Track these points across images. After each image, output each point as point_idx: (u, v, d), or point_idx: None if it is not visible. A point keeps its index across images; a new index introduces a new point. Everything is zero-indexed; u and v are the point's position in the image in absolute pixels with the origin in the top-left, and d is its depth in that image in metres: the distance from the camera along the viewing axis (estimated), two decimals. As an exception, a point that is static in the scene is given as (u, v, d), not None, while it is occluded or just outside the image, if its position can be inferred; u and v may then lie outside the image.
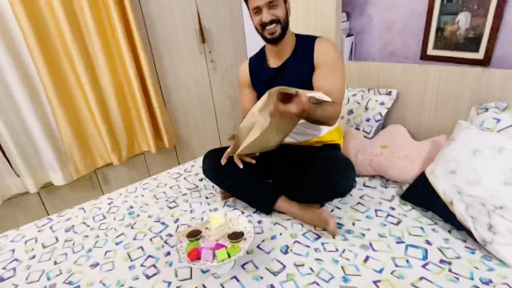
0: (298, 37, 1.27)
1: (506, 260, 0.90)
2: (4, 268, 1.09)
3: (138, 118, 2.20)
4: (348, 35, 1.81)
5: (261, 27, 1.17)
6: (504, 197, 0.95)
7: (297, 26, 1.94)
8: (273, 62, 1.30)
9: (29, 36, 1.67)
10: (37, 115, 1.82)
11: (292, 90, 0.92)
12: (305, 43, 1.24)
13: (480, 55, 1.34)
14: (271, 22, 1.14)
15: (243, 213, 1.24)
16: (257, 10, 1.14)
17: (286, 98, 0.96)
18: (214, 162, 1.26)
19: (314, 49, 1.20)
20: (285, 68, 1.26)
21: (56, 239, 1.22)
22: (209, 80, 2.53)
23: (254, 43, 2.52)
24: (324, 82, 1.17)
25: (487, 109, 1.20)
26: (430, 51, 1.51)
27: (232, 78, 2.61)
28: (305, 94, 0.90)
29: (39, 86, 1.82)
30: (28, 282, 1.01)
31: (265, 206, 1.22)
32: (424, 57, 1.54)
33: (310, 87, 1.21)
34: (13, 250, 1.18)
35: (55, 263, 1.09)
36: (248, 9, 1.18)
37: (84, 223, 1.31)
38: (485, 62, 1.34)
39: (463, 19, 1.36)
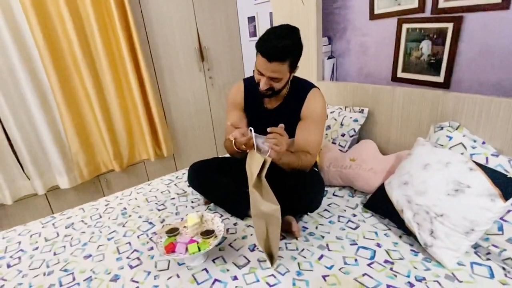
0: (293, 82, 1.32)
1: (442, 261, 1.02)
2: (11, 257, 1.26)
3: (139, 129, 2.40)
4: (330, 57, 1.97)
5: (257, 82, 1.22)
6: (444, 206, 1.08)
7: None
8: (268, 102, 1.35)
9: (44, 53, 1.90)
10: (48, 124, 2.03)
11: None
12: (299, 92, 1.31)
13: (440, 78, 1.48)
14: (266, 90, 1.20)
15: (221, 216, 1.39)
16: (260, 72, 1.17)
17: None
18: (197, 174, 1.43)
19: (305, 101, 1.29)
20: (281, 111, 1.32)
21: (57, 234, 1.39)
22: (207, 95, 2.72)
23: (251, 62, 2.72)
24: (306, 134, 1.29)
25: (442, 128, 1.33)
26: (400, 73, 1.66)
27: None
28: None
29: (51, 98, 2.04)
30: (31, 269, 1.17)
31: (239, 213, 1.37)
32: (395, 79, 1.69)
33: (293, 131, 1.31)
34: (20, 242, 1.35)
35: (55, 254, 1.25)
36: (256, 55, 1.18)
37: (83, 221, 1.48)
38: (445, 85, 1.47)
39: (425, 47, 1.51)
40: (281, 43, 1.10)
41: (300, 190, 1.25)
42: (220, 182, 1.40)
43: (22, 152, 2.00)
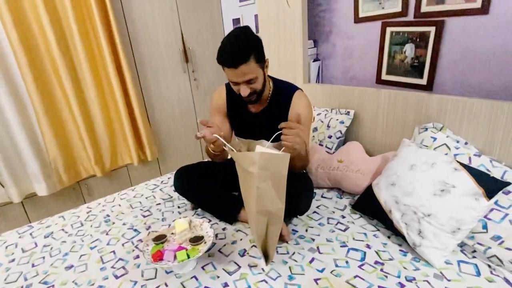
0: (276, 85, 1.31)
1: (430, 261, 1.03)
2: (-16, 271, 1.18)
3: (122, 132, 2.32)
4: (316, 60, 1.99)
5: (238, 93, 1.19)
6: (431, 206, 1.09)
7: (268, 51, 2.12)
8: (252, 106, 1.32)
9: (19, 54, 1.81)
10: (24, 128, 1.94)
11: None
12: (283, 95, 1.29)
13: (424, 81, 1.52)
14: (249, 95, 1.16)
15: (210, 221, 1.36)
16: (234, 83, 1.16)
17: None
18: (184, 179, 1.40)
19: (291, 104, 1.27)
20: (265, 114, 1.30)
21: (35, 244, 1.32)
22: (192, 97, 2.68)
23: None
24: None
25: (426, 129, 1.36)
26: (384, 76, 1.69)
27: (214, 95, 2.77)
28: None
29: (27, 100, 1.94)
30: (7, 283, 1.10)
31: (228, 218, 1.34)
32: (379, 81, 1.72)
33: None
34: (-6, 254, 1.27)
35: (33, 265, 1.18)
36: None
37: (63, 230, 1.41)
38: (428, 87, 1.51)
39: (409, 50, 1.54)
40: (236, 46, 1.08)
41: (290, 193, 1.23)
42: (207, 187, 1.37)
43: (-4, 158, 1.89)
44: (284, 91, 1.31)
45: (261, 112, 1.32)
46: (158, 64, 2.43)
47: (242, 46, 1.08)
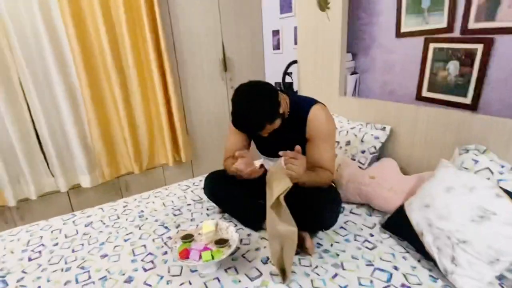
0: (292, 103, 1.29)
1: (463, 290, 0.97)
2: (32, 251, 1.31)
3: (160, 134, 2.46)
4: (353, 73, 1.97)
5: None
6: (468, 232, 1.03)
7: (306, 63, 2.15)
8: None
9: (77, 57, 2.00)
10: (75, 124, 2.12)
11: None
12: (299, 113, 1.27)
13: (468, 100, 1.44)
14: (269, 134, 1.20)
15: (236, 225, 1.39)
16: None
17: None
18: (213, 184, 1.45)
19: (307, 123, 1.25)
20: (283, 131, 1.25)
21: (76, 231, 1.43)
22: (228, 104, 2.76)
23: (272, 74, 2.75)
24: (318, 154, 1.27)
25: (467, 151, 1.28)
26: (425, 92, 1.63)
27: (249, 103, 2.83)
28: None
29: (80, 100, 2.13)
30: (50, 264, 1.21)
31: (253, 224, 1.36)
32: (419, 97, 1.66)
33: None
34: (41, 237, 1.40)
35: (73, 251, 1.29)
36: None
37: (101, 221, 1.52)
38: (472, 106, 1.43)
39: (452, 67, 1.48)
40: (250, 118, 1.11)
41: (315, 206, 1.22)
42: (235, 193, 1.41)
43: (49, 150, 2.09)
44: (301, 108, 1.28)
45: (279, 129, 1.23)
46: (198, 71, 2.55)
47: (255, 118, 1.11)
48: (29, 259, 1.25)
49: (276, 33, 2.58)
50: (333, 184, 1.44)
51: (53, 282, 1.10)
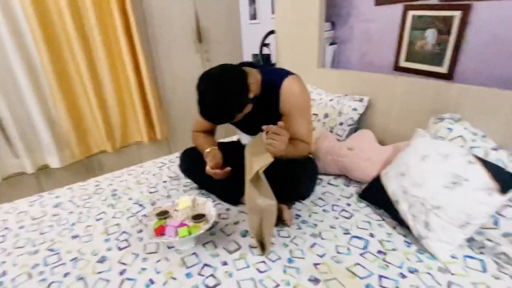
0: (264, 79, 1.22)
1: (435, 254, 1.01)
2: (-5, 235, 1.22)
3: (133, 110, 2.34)
4: (332, 43, 1.92)
5: None
6: (441, 198, 1.06)
7: (283, 33, 2.07)
8: None
9: (35, 28, 1.82)
10: (38, 101, 1.97)
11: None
12: (272, 88, 1.22)
13: (444, 69, 1.44)
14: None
15: (214, 200, 1.36)
16: None
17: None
18: (189, 160, 1.41)
19: (280, 97, 1.21)
20: (256, 108, 1.20)
21: (45, 213, 1.36)
22: (204, 78, 2.65)
23: (250, 45, 2.65)
24: (295, 127, 1.23)
25: (442, 119, 1.30)
26: (402, 62, 1.61)
27: (226, 77, 2.74)
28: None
29: (42, 75, 1.96)
30: (16, 247, 1.14)
31: (231, 199, 1.34)
32: (397, 68, 1.64)
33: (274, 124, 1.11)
34: (5, 220, 1.31)
35: (41, 233, 1.22)
36: None
37: (71, 201, 1.44)
38: (448, 76, 1.44)
39: (431, 36, 1.46)
40: (216, 111, 1.05)
41: (293, 176, 1.22)
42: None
43: (11, 130, 1.94)
44: (273, 84, 1.22)
45: (252, 113, 1.19)
46: (171, 42, 2.41)
47: (223, 111, 1.05)
48: (-8, 244, 1.17)
49: (252, 1, 2.46)
50: (310, 156, 1.43)
51: (20, 266, 1.04)
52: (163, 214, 1.12)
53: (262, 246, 1.04)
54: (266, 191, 1.02)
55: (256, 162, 1.01)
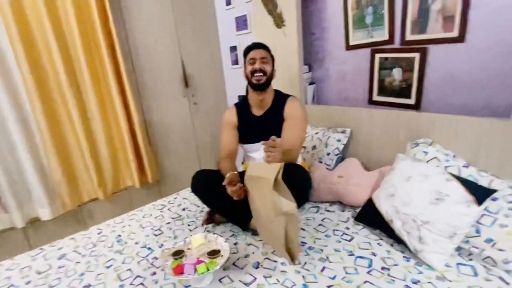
0: (276, 93, 1.63)
1: (432, 264, 1.12)
2: (0, 294, 1.19)
3: (124, 155, 2.37)
4: (311, 83, 2.13)
5: (251, 74, 1.51)
6: (429, 214, 1.19)
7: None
8: (257, 111, 1.62)
9: (27, 78, 1.86)
10: (29, 152, 1.96)
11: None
12: (280, 100, 1.59)
13: (412, 101, 1.67)
14: (260, 70, 1.49)
15: (222, 236, 1.41)
16: (252, 61, 1.51)
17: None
18: (203, 181, 1.47)
19: (285, 106, 1.56)
20: (267, 117, 1.59)
21: (50, 266, 1.34)
22: (191, 120, 2.78)
23: (233, 88, 2.83)
24: (291, 132, 1.50)
25: (417, 144, 1.48)
26: (375, 97, 1.84)
27: (213, 118, 2.87)
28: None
29: (33, 125, 1.98)
30: (25, 304, 1.12)
31: (242, 222, 1.43)
32: (371, 101, 1.87)
33: (279, 132, 1.53)
34: (9, 277, 1.28)
35: (50, 287, 1.20)
36: (245, 62, 1.56)
37: (75, 251, 1.43)
38: (416, 106, 1.66)
39: (397, 73, 1.70)
40: (260, 43, 1.56)
41: (291, 169, 1.29)
42: (223, 192, 1.40)
43: (1, 182, 1.90)
44: (282, 97, 1.61)
45: (263, 114, 1.60)
46: (160, 89, 2.53)
47: (263, 44, 1.57)
48: (-1, 303, 1.14)
49: (233, 49, 2.68)
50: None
51: (35, 322, 1.03)
52: (178, 254, 1.16)
53: (291, 256, 1.07)
54: (287, 195, 1.06)
55: (267, 173, 1.07)
